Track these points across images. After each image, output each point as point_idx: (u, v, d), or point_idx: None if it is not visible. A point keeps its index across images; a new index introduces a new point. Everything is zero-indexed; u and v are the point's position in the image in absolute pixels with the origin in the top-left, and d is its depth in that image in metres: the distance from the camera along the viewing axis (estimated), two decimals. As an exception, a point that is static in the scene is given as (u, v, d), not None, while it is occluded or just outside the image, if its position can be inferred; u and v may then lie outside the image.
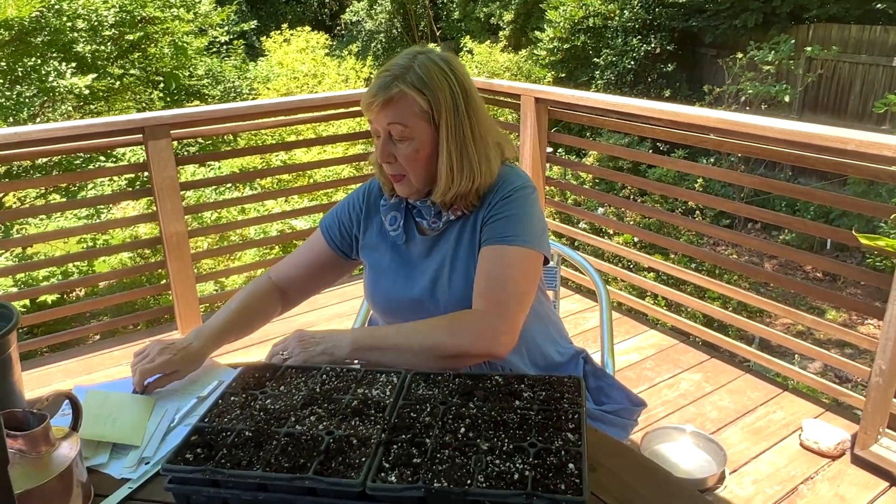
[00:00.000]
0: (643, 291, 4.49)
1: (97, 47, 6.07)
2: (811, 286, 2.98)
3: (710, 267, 5.55)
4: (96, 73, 5.86)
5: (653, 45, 8.77)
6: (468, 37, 11.19)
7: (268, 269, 1.46)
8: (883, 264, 5.49)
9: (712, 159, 7.13)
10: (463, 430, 0.93)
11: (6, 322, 1.05)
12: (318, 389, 1.05)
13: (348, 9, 15.61)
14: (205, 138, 6.05)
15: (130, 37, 6.32)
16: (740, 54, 7.47)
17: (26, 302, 4.14)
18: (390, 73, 1.20)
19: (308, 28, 10.84)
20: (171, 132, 2.77)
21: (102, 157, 5.89)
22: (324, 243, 1.43)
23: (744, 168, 7.00)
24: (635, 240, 5.89)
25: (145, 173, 2.92)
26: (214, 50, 9.31)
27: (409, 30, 14.33)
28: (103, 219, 5.35)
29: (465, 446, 0.90)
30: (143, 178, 5.56)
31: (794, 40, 7.58)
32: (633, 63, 8.78)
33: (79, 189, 5.51)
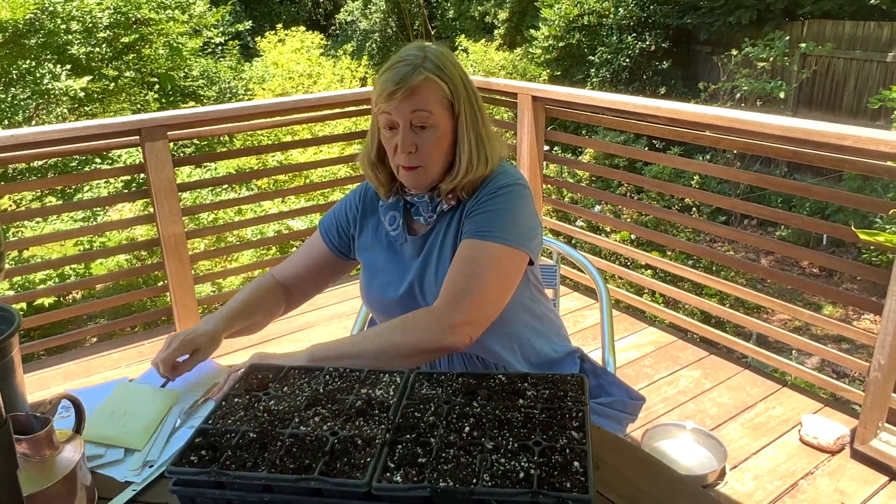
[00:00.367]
0: (641, 288, 4.50)
1: (92, 49, 6.06)
2: (809, 282, 2.99)
3: (707, 263, 5.57)
4: (91, 75, 5.85)
5: (648, 43, 8.78)
6: (463, 35, 11.18)
7: (271, 269, 1.47)
8: (879, 259, 5.51)
9: (708, 156, 7.14)
10: (467, 429, 0.93)
11: (7, 325, 1.05)
12: (321, 390, 1.05)
13: (343, 8, 15.59)
14: (200, 139, 6.04)
15: (125, 38, 6.31)
16: (735, 51, 7.49)
17: (23, 305, 4.12)
18: (408, 63, 1.20)
19: (303, 28, 10.81)
20: (168, 133, 2.77)
21: (98, 160, 5.87)
22: (323, 244, 1.44)
23: (739, 165, 7.03)
24: (632, 237, 5.90)
25: (141, 175, 2.92)
26: (209, 51, 9.30)
27: (404, 29, 14.31)
28: (99, 221, 5.34)
29: (469, 445, 0.90)
30: (140, 179, 5.55)
31: (788, 37, 7.60)
32: (628, 61, 8.79)
33: (75, 191, 5.49)
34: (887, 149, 2.01)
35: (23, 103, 5.57)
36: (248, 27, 10.61)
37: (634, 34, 8.87)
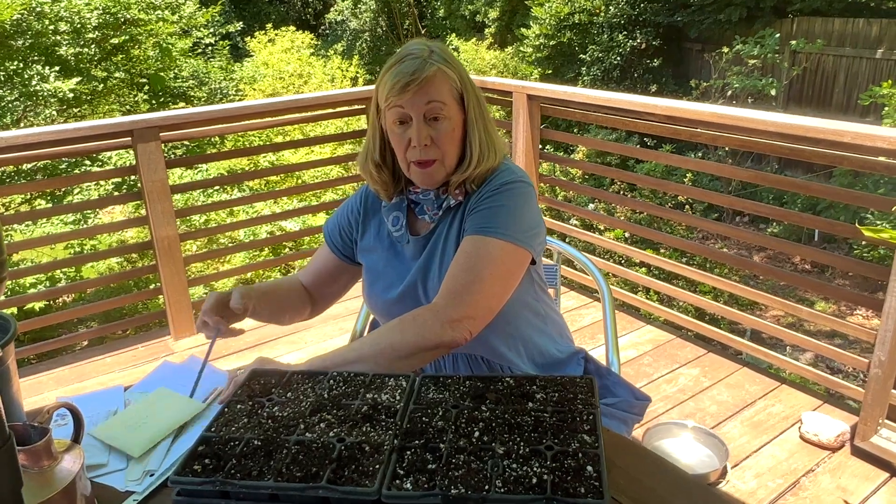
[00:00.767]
0: (635, 286, 4.49)
1: (80, 50, 6.01)
2: (804, 278, 2.99)
3: (700, 260, 5.57)
4: (80, 77, 5.79)
5: (638, 41, 8.80)
6: (453, 34, 11.19)
7: (297, 272, 1.49)
8: (871, 255, 5.54)
9: (699, 153, 7.16)
10: (477, 433, 0.91)
11: (3, 333, 1.02)
12: (326, 395, 1.03)
13: (332, 8, 15.53)
14: (191, 141, 6.00)
15: (114, 39, 6.26)
16: (726, 49, 7.51)
17: (14, 310, 4.07)
18: (417, 56, 1.19)
19: (292, 28, 10.77)
20: (160, 135, 2.74)
21: (88, 161, 5.82)
22: (328, 249, 1.43)
23: (731, 161, 7.04)
24: (626, 234, 5.90)
25: (132, 177, 2.89)
26: (199, 51, 9.24)
27: (394, 28, 14.29)
28: (90, 224, 5.29)
29: (480, 450, 0.88)
30: (131, 181, 5.50)
31: (778, 34, 7.62)
32: (619, 59, 8.81)
33: (65, 194, 5.44)
34: (885, 144, 2.01)
35: (11, 105, 5.51)
36: (238, 28, 10.55)
37: (625, 32, 8.88)
